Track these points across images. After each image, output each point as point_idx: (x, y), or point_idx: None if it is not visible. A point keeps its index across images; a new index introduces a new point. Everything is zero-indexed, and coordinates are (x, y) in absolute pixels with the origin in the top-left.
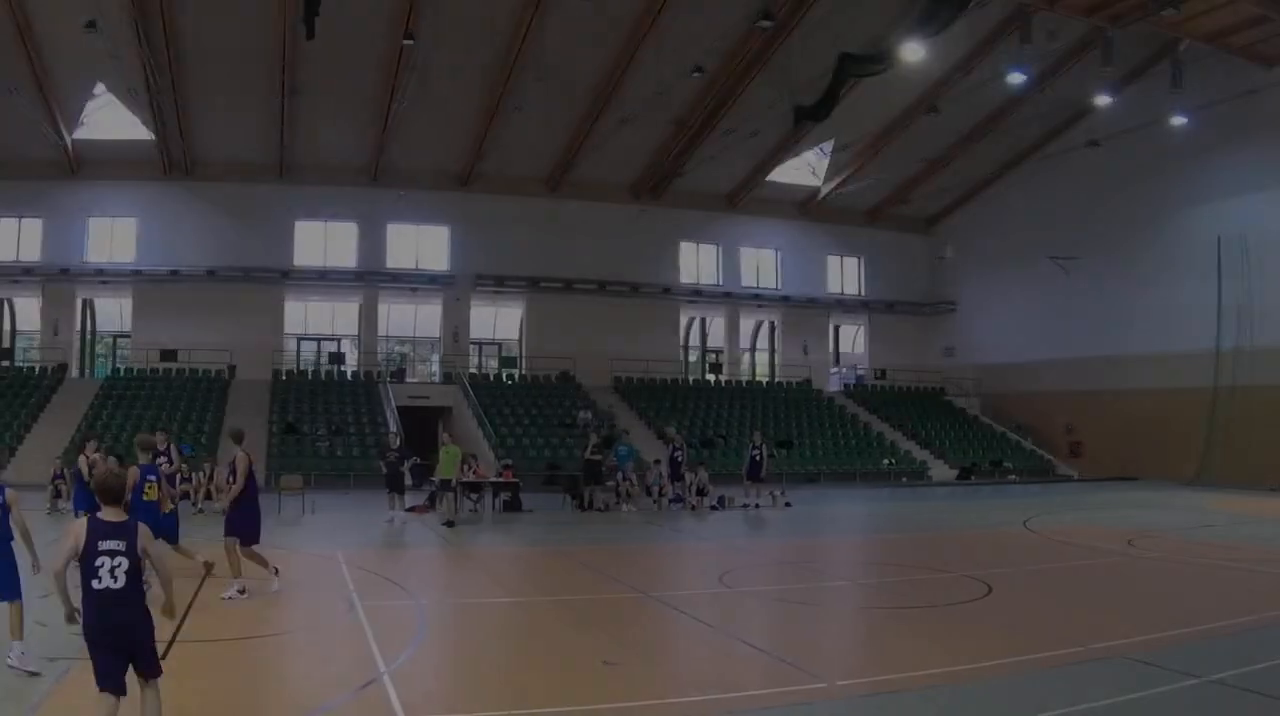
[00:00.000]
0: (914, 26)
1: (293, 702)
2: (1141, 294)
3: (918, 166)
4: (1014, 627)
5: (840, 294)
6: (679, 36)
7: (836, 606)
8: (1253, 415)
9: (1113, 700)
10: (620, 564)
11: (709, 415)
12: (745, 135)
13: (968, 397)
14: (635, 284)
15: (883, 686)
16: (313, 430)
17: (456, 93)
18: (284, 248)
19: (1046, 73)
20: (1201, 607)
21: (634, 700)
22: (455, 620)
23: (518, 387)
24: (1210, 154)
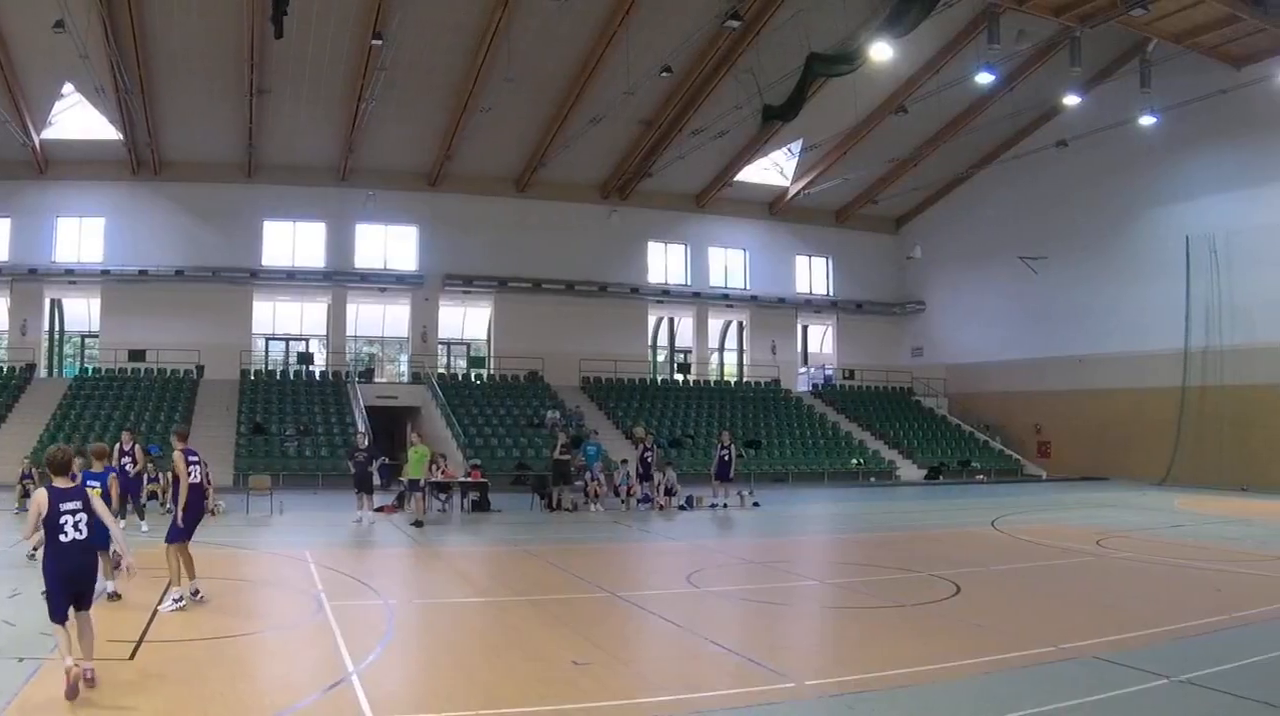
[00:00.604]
0: (882, 26)
1: (261, 702)
2: (1110, 294)
3: (886, 166)
4: (982, 627)
5: (809, 294)
6: (647, 37)
7: (805, 606)
8: (1221, 415)
9: (1082, 700)
10: (588, 564)
11: (677, 415)
12: (713, 135)
13: (936, 397)
14: (604, 284)
15: (851, 686)
16: (281, 430)
17: (425, 93)
18: (252, 248)
19: (1015, 73)
20: (1171, 607)
21: (602, 700)
22: (424, 620)
23: (486, 387)
24: (1179, 154)
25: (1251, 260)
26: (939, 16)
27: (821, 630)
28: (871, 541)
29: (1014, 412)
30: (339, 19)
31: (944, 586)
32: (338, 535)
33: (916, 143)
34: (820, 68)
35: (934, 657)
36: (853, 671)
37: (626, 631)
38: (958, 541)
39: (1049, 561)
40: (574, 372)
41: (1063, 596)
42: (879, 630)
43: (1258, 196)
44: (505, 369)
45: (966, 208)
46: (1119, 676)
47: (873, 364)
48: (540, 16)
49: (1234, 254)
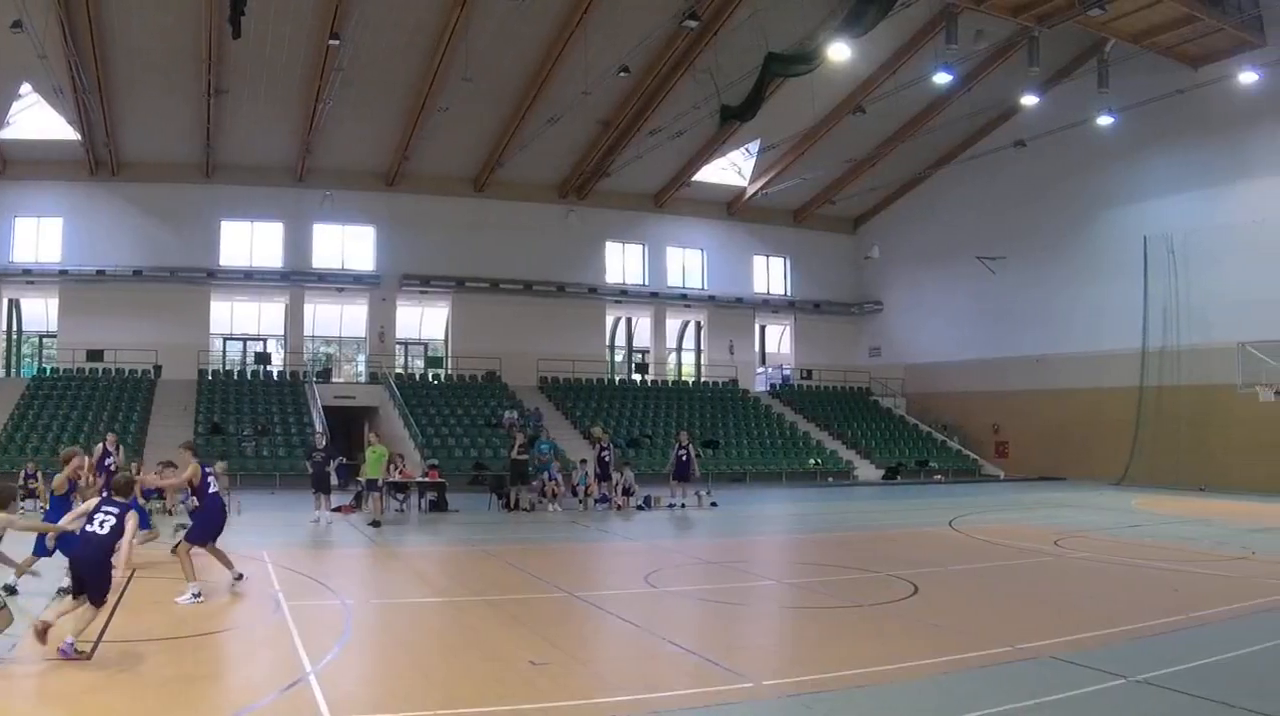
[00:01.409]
0: (840, 26)
1: (219, 702)
2: (1068, 294)
3: (844, 166)
4: (940, 627)
5: (766, 294)
6: (605, 37)
7: (763, 606)
8: (1179, 415)
9: (1039, 700)
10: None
11: (635, 415)
12: (671, 135)
13: (894, 397)
14: (561, 284)
15: (809, 686)
16: (238, 430)
17: (383, 93)
18: (210, 248)
19: (973, 73)
20: (1128, 608)
21: (560, 700)
22: (381, 620)
23: (444, 387)
24: (1136, 154)
25: (1209, 260)
26: (897, 16)
27: (779, 630)
28: (829, 541)
29: (972, 412)
30: (296, 19)
31: (902, 586)
32: (295, 535)
33: (874, 143)
34: (778, 68)
35: (892, 657)
36: (810, 671)
37: (584, 631)
38: (915, 541)
39: (1006, 561)
40: (532, 373)
41: (1020, 596)
42: (837, 630)
43: (1215, 196)
44: (463, 369)
45: (924, 208)
46: (1076, 676)
47: (830, 364)
48: (498, 16)
49: (1191, 254)
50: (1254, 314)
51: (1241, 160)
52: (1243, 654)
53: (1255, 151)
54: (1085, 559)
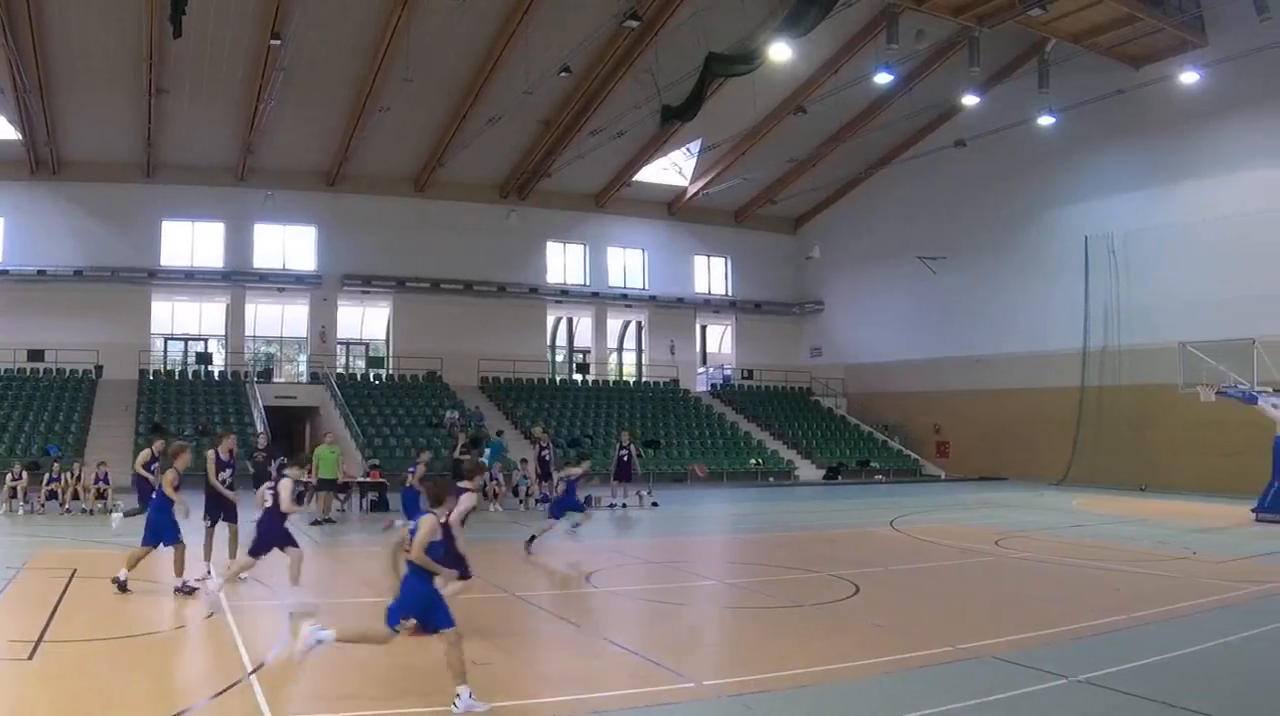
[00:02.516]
0: (781, 26)
1: (160, 702)
2: (1009, 294)
3: (785, 166)
4: (881, 627)
5: (707, 294)
6: (546, 37)
7: (704, 606)
8: (1120, 415)
9: (981, 700)
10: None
11: (576, 415)
12: (612, 135)
13: (835, 397)
14: (502, 284)
15: (750, 686)
16: (179, 430)
17: (324, 93)
18: (151, 248)
19: (914, 73)
20: (1070, 608)
21: (501, 700)
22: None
23: (385, 387)
24: (1077, 154)
25: (1150, 260)
26: (838, 17)
27: (721, 630)
28: (770, 541)
29: (913, 413)
30: (238, 19)
31: (843, 586)
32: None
33: (815, 143)
34: (719, 68)
35: (833, 657)
36: (752, 671)
37: (525, 631)
38: (856, 541)
39: (948, 561)
40: (473, 372)
41: (961, 596)
42: (778, 630)
43: (1156, 196)
44: (404, 369)
45: (865, 208)
46: (1018, 676)
47: (771, 364)
48: (439, 16)
49: (1133, 254)
50: (1195, 314)
51: (1183, 160)
52: (1184, 653)
53: (1196, 152)
54: (1026, 559)
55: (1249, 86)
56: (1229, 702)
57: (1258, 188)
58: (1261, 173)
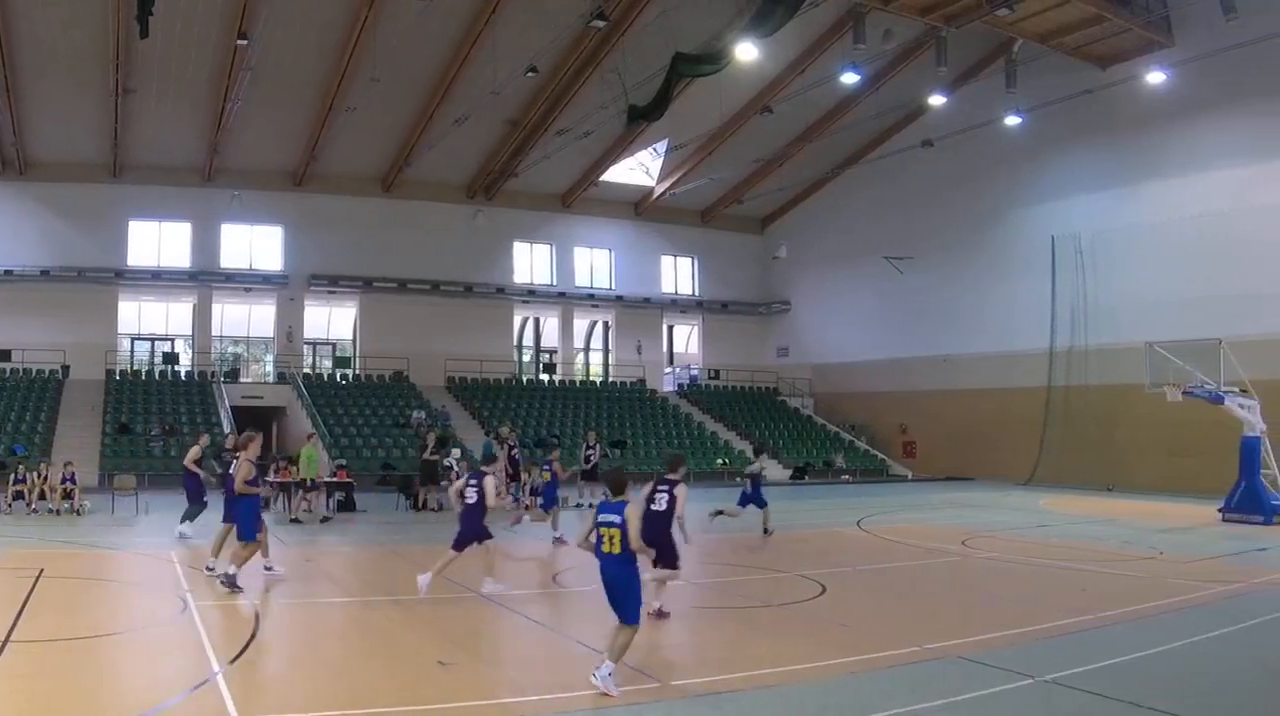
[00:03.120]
0: (748, 26)
1: (126, 702)
2: (976, 293)
3: (752, 166)
4: (848, 627)
5: (674, 294)
6: (513, 37)
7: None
8: (1086, 415)
9: (948, 700)
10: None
11: (543, 415)
12: (579, 135)
13: (801, 397)
14: (469, 284)
15: (717, 686)
16: (146, 430)
17: (290, 92)
18: (118, 247)
19: (881, 73)
20: (1036, 608)
21: (468, 700)
22: (289, 620)
23: (352, 387)
24: (1044, 154)
25: (1117, 260)
26: (804, 16)
27: (687, 630)
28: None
29: (879, 412)
30: (204, 19)
31: (810, 586)
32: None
33: (782, 143)
34: (686, 68)
35: (800, 657)
36: (718, 671)
37: (492, 632)
38: (823, 541)
39: (914, 561)
40: (439, 373)
41: (928, 596)
42: (745, 630)
43: (1123, 196)
44: (371, 369)
45: (832, 208)
46: (984, 676)
47: (738, 364)
48: (406, 16)
49: (1099, 254)
50: (1162, 314)
51: (1149, 160)
52: (1151, 653)
53: (1163, 152)
54: (993, 559)
55: (1215, 86)
56: (1196, 702)
57: (1224, 187)
58: (1228, 172)
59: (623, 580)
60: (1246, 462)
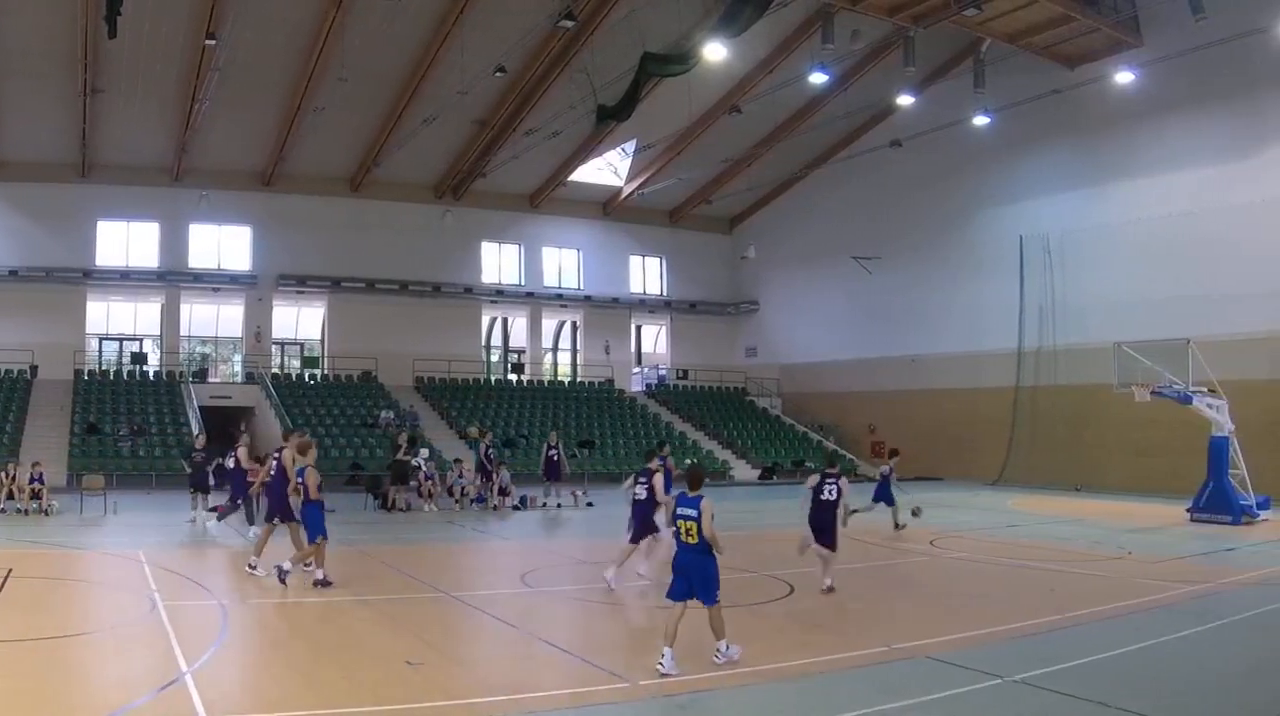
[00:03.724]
0: (716, 26)
1: (94, 702)
2: (944, 294)
3: (720, 166)
4: (817, 627)
5: (642, 294)
6: (481, 36)
7: (639, 606)
8: (1055, 415)
9: (916, 700)
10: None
11: (511, 415)
12: (547, 135)
13: (770, 398)
14: (437, 284)
15: (686, 686)
16: (115, 430)
17: (259, 93)
18: (86, 248)
19: (849, 73)
20: (1005, 608)
21: (436, 700)
22: (258, 620)
23: (320, 387)
24: (1012, 154)
25: (1085, 260)
26: (773, 16)
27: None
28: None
29: (848, 412)
30: (173, 19)
31: (778, 586)
32: (172, 535)
33: (750, 143)
34: (654, 67)
35: (767, 657)
36: (687, 671)
37: (461, 631)
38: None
39: (883, 561)
40: (408, 373)
41: (896, 596)
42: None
43: (1090, 196)
44: (339, 369)
45: (800, 208)
46: (953, 676)
47: (706, 364)
48: (374, 16)
49: (1068, 254)
50: (1130, 314)
51: (1117, 160)
52: (1119, 653)
53: (1131, 152)
54: (962, 559)
55: (1184, 86)
56: (1164, 702)
57: (1193, 188)
58: (1196, 172)
59: (698, 567)
60: (1215, 463)
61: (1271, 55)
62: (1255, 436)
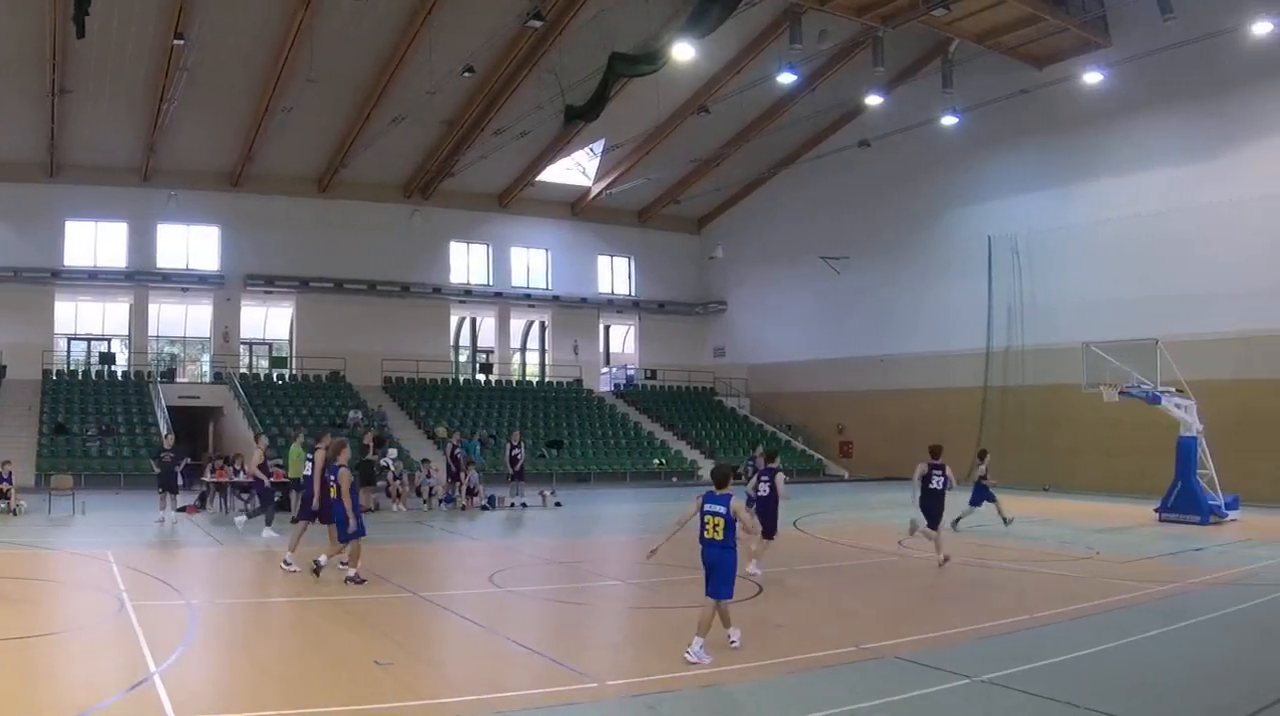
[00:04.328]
0: (684, 26)
1: (62, 702)
2: (913, 294)
3: (688, 166)
4: (785, 628)
5: (611, 294)
6: (449, 37)
7: (607, 606)
8: (1024, 415)
9: (885, 700)
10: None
11: (479, 415)
12: (516, 135)
13: (738, 397)
14: (406, 284)
15: (653, 686)
16: (83, 430)
17: (227, 93)
18: (54, 248)
19: (817, 73)
20: (973, 608)
21: (405, 700)
22: (227, 620)
23: (288, 388)
24: (981, 154)
25: (1053, 260)
26: (741, 17)
27: (624, 630)
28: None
29: (816, 413)
30: (141, 19)
31: (746, 587)
32: (140, 535)
33: (719, 143)
34: (623, 67)
35: (736, 658)
36: (655, 671)
37: (429, 631)
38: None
39: (851, 562)
40: (376, 373)
41: (865, 596)
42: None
43: (1059, 196)
44: (307, 369)
45: (769, 208)
46: (921, 676)
47: (675, 364)
48: (342, 16)
49: (1036, 254)
50: (1098, 313)
51: (1085, 160)
52: (1087, 653)
53: (1099, 152)
54: (929, 559)
55: (1152, 86)
56: (1132, 702)
57: (1161, 188)
58: (1164, 172)
59: (722, 562)
60: (1183, 463)
61: (1240, 55)
62: (1223, 436)
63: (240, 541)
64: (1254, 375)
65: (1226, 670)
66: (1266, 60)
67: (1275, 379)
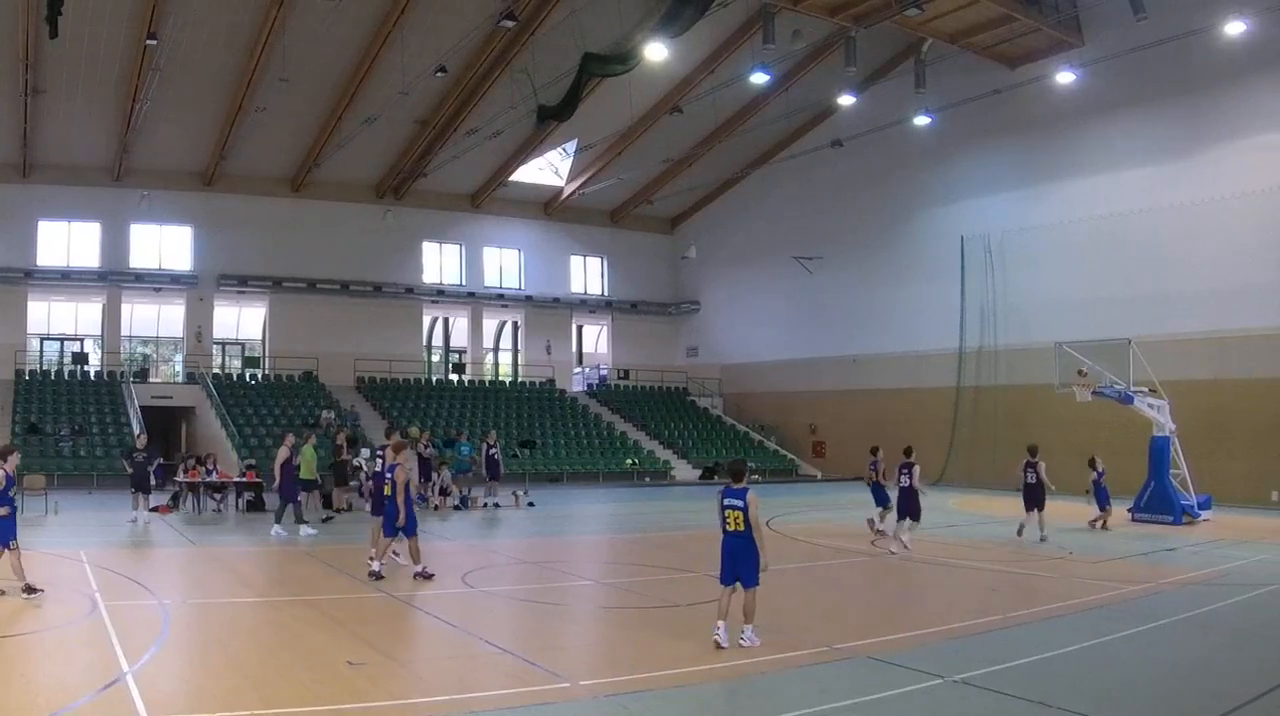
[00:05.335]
0: (657, 26)
1: (35, 703)
2: (886, 294)
3: (661, 166)
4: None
5: (583, 294)
6: (422, 37)
7: (580, 606)
8: (996, 415)
9: (857, 700)
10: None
11: (452, 415)
12: (488, 135)
13: (711, 397)
14: (378, 284)
15: (626, 686)
16: (55, 430)
17: (199, 93)
18: (27, 247)
19: (790, 73)
20: (945, 608)
21: (378, 700)
22: (199, 620)
23: (261, 387)
24: (953, 154)
25: (1026, 260)
26: (714, 16)
27: (596, 630)
28: (646, 541)
29: (789, 412)
30: (114, 19)
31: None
32: (113, 535)
33: (691, 143)
34: (595, 68)
35: (709, 658)
36: (627, 671)
37: (402, 631)
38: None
39: (823, 561)
40: (349, 372)
41: (837, 596)
42: (653, 630)
43: (1032, 196)
44: (280, 369)
45: (742, 208)
46: (894, 676)
47: (647, 364)
48: (315, 16)
49: (1009, 254)
50: (1071, 313)
51: (1059, 160)
52: (1060, 653)
53: (1071, 152)
54: (902, 559)
55: (1124, 86)
56: (1104, 702)
57: (1133, 187)
58: (1136, 172)
59: (745, 552)
60: (1156, 463)
61: (1212, 56)
62: (1196, 436)
63: (213, 542)
64: (1226, 375)
65: (1199, 669)
66: (1238, 60)
67: (1247, 379)
